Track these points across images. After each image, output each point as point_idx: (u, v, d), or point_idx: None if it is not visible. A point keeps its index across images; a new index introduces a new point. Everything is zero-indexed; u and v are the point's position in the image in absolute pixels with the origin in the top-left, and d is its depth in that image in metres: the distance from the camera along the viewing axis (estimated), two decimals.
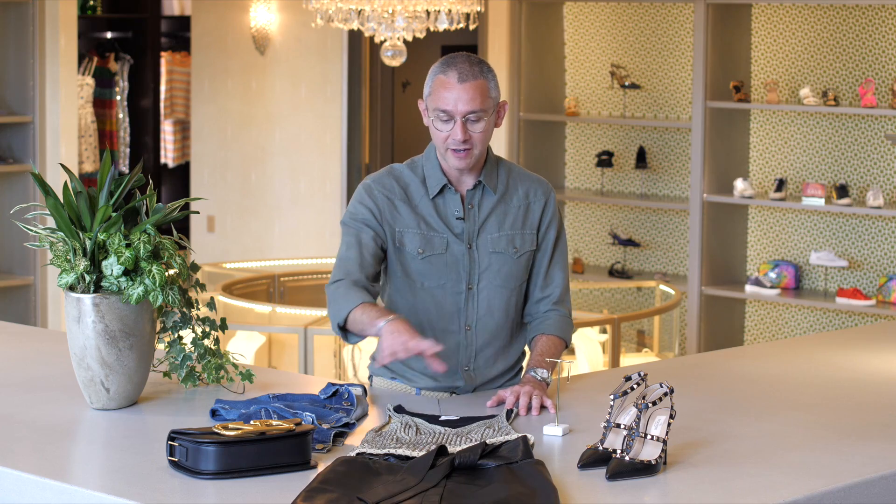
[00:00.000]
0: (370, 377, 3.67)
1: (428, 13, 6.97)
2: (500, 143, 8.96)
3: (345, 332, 3.41)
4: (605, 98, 8.99)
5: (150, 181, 3.45)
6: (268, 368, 4.02)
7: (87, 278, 3.23)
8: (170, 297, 3.26)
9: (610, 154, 8.88)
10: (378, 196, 3.50)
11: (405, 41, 7.05)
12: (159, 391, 3.45)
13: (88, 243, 3.23)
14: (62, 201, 3.24)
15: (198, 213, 3.63)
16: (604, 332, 7.02)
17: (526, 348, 3.67)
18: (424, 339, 3.19)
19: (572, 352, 7.09)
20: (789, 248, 8.29)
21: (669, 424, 2.92)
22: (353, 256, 3.46)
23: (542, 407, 3.33)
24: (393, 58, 7.09)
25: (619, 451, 2.87)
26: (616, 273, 8.79)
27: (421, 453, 2.88)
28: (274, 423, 2.88)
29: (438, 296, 3.52)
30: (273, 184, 10.29)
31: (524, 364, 3.61)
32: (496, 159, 3.59)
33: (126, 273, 3.22)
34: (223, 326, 3.46)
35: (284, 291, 7.88)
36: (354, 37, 9.89)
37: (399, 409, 3.25)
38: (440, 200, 3.52)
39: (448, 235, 3.51)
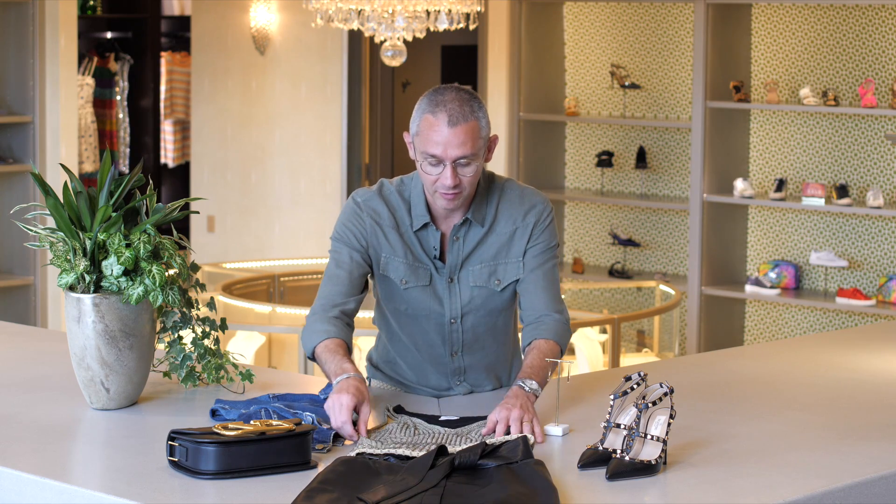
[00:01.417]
0: (369, 379, 3.65)
1: (428, 13, 6.97)
2: (500, 144, 8.96)
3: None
4: (605, 98, 8.99)
5: (150, 181, 3.45)
6: (268, 368, 4.01)
7: (87, 278, 3.23)
8: (170, 297, 3.26)
9: (610, 154, 8.89)
10: (366, 220, 3.40)
11: (405, 41, 7.05)
12: (159, 391, 3.45)
13: (88, 243, 3.23)
14: (62, 201, 3.24)
15: (198, 213, 3.63)
16: (604, 332, 7.02)
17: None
18: (350, 425, 3.04)
19: (572, 352, 7.09)
20: (789, 248, 8.29)
21: (669, 424, 2.92)
22: (343, 276, 3.38)
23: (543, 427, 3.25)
24: (393, 58, 7.09)
25: (619, 451, 2.87)
26: (616, 273, 8.79)
27: (421, 453, 2.88)
28: (274, 423, 2.88)
29: (423, 324, 3.46)
30: (273, 184, 10.29)
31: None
32: (488, 185, 3.43)
33: (126, 273, 3.22)
34: (223, 326, 3.46)
35: (284, 291, 7.88)
36: (354, 37, 9.89)
37: (398, 410, 3.25)
38: (422, 234, 3.42)
39: (431, 267, 3.42)
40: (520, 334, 3.59)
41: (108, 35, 11.72)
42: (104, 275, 3.22)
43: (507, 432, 3.06)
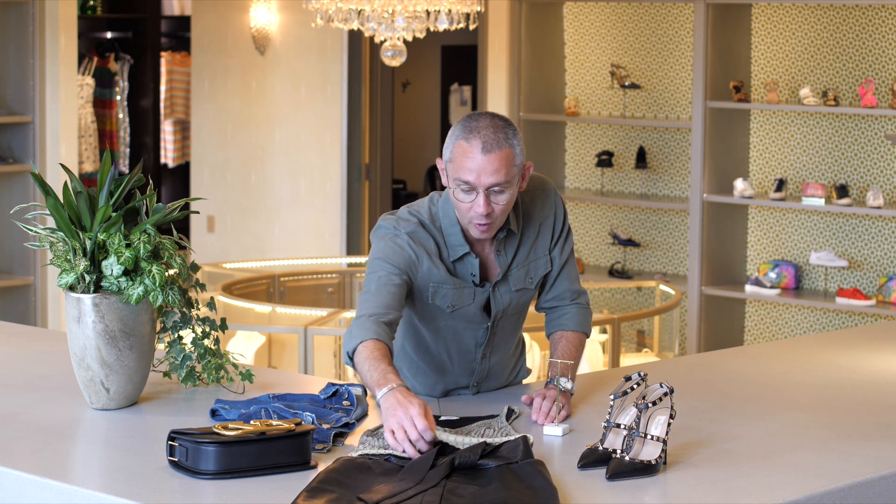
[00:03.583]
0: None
1: (428, 13, 6.97)
2: None
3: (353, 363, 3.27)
4: (605, 98, 9.00)
5: (150, 181, 3.45)
6: (268, 368, 4.02)
7: (87, 278, 3.23)
8: (170, 297, 3.26)
9: (610, 154, 8.89)
10: (419, 251, 3.33)
11: (405, 41, 7.05)
12: (159, 391, 3.45)
13: (88, 243, 3.23)
14: (62, 201, 3.24)
15: (198, 213, 3.63)
16: (604, 332, 7.02)
17: (536, 348, 3.65)
18: (421, 411, 2.94)
19: None
20: (789, 248, 8.29)
21: (669, 424, 2.92)
22: (395, 291, 3.28)
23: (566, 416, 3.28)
24: (393, 58, 7.09)
25: (619, 451, 2.87)
26: (616, 273, 8.79)
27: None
28: (274, 423, 2.88)
29: (458, 335, 3.46)
30: (273, 184, 10.30)
31: (549, 361, 3.56)
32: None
33: (126, 273, 3.22)
34: (223, 326, 3.46)
35: (284, 291, 7.88)
36: (354, 37, 9.89)
37: None
38: (460, 263, 3.39)
39: (473, 286, 3.40)
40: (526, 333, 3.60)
41: (108, 35, 11.72)
42: (104, 275, 3.22)
43: (508, 420, 3.07)
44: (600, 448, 2.91)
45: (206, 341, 3.42)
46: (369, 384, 3.12)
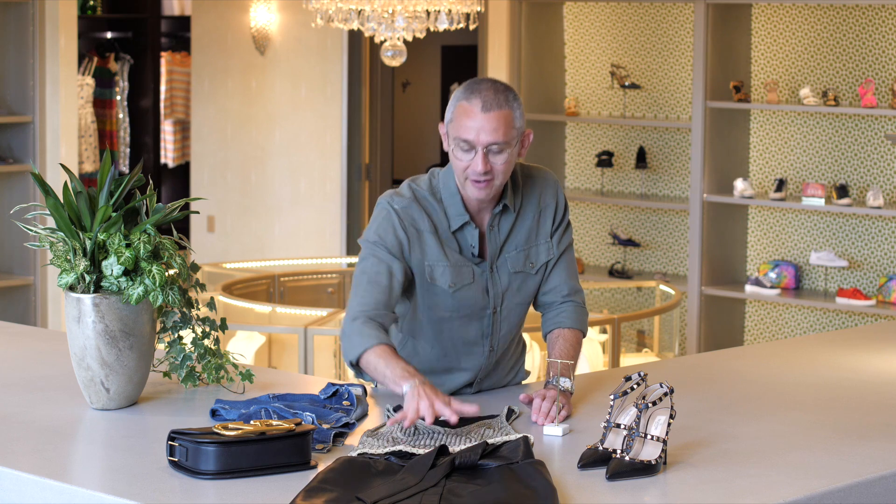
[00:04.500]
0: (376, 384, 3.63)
1: (428, 13, 6.97)
2: None
3: (358, 368, 3.31)
4: (605, 98, 9.00)
5: (150, 181, 3.45)
6: (268, 368, 4.02)
7: (87, 278, 3.23)
8: (170, 297, 3.26)
9: (610, 154, 8.89)
10: (409, 230, 3.36)
11: (405, 41, 7.05)
12: (159, 391, 3.45)
13: (88, 243, 3.23)
14: (62, 201, 3.24)
15: (198, 213, 3.63)
16: (604, 332, 7.02)
17: (536, 348, 3.66)
18: (446, 402, 3.07)
19: None
20: (789, 248, 8.29)
21: (669, 424, 2.92)
22: (384, 284, 3.32)
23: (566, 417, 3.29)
24: (393, 58, 7.09)
25: (619, 451, 2.87)
26: (616, 273, 8.79)
27: (422, 451, 2.87)
28: (274, 423, 2.88)
29: (464, 325, 3.46)
30: (273, 184, 10.30)
31: (548, 361, 3.57)
32: (513, 174, 3.45)
33: (126, 273, 3.22)
34: (223, 326, 3.46)
35: (284, 291, 7.88)
36: (354, 37, 9.89)
37: (399, 409, 3.24)
38: (460, 234, 3.41)
39: (472, 264, 3.42)
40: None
41: (108, 35, 11.72)
42: (104, 275, 3.22)
43: (508, 420, 3.08)
44: (600, 448, 2.90)
45: (206, 341, 3.42)
46: (388, 379, 3.18)
